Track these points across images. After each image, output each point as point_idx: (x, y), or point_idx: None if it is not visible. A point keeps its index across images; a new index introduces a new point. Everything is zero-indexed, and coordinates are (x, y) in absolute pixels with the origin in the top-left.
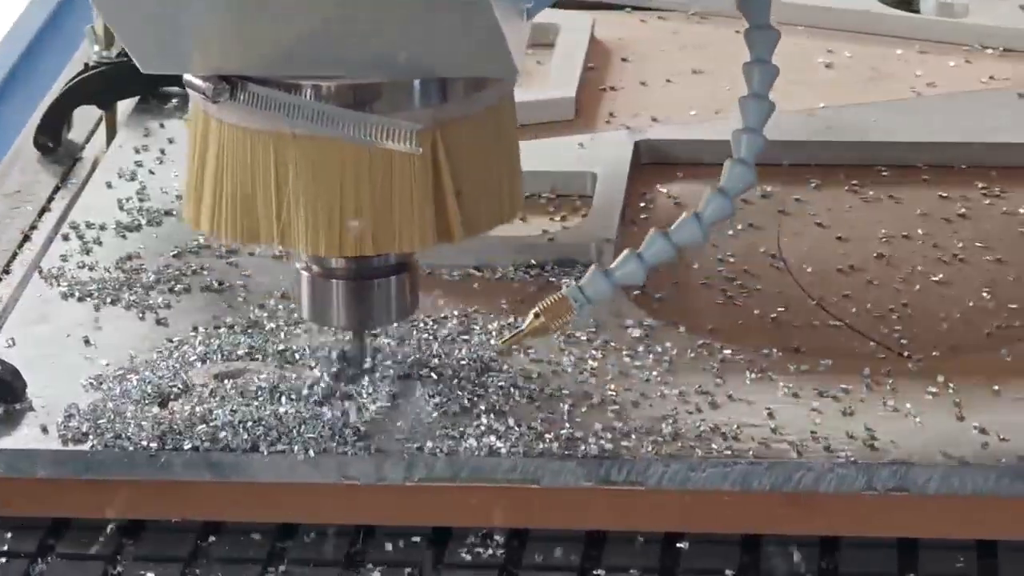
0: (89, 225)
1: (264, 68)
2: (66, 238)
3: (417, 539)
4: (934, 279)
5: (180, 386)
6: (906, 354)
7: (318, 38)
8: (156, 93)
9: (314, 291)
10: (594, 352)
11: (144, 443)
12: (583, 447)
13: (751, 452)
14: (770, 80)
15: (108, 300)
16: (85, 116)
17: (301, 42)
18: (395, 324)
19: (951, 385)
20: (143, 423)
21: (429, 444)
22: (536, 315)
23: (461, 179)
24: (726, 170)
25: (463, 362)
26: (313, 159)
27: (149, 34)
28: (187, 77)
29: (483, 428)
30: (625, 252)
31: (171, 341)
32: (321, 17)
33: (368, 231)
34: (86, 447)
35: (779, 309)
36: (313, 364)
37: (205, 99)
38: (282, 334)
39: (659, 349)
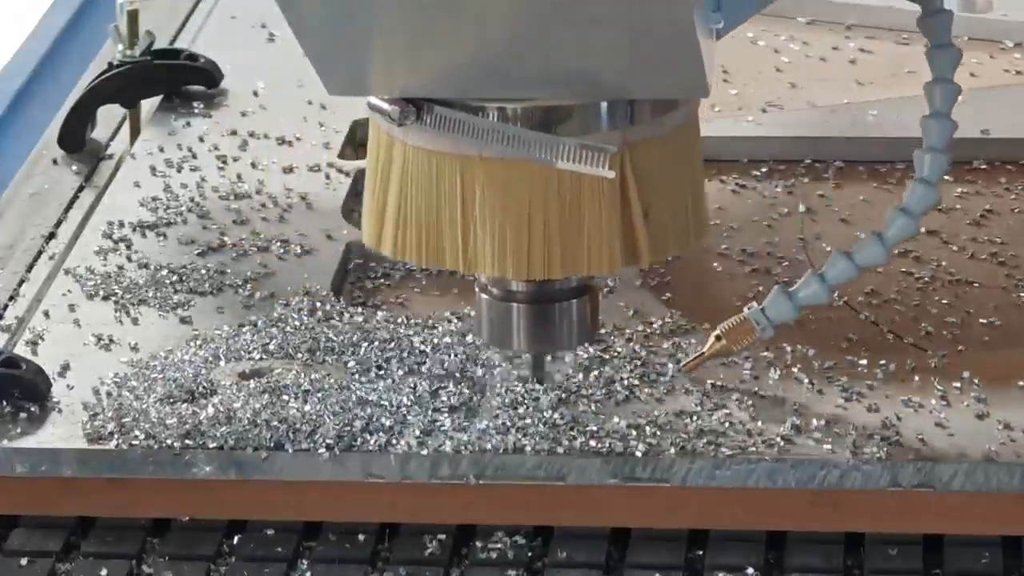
0: (113, 224)
1: (451, 90)
2: (92, 237)
3: (442, 537)
4: (958, 275)
5: (205, 385)
6: (930, 350)
7: (509, 60)
8: (180, 92)
9: (494, 314)
10: (619, 350)
11: (169, 442)
12: (608, 444)
13: (776, 449)
14: (953, 99)
15: (133, 299)
16: (109, 115)
17: (490, 64)
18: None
19: (976, 381)
20: (168, 422)
21: (453, 442)
22: (718, 338)
23: (649, 200)
24: (910, 189)
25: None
26: (500, 181)
27: (336, 57)
28: (371, 100)
29: (507, 426)
30: (808, 273)
31: (195, 340)
32: (512, 38)
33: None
34: (111, 446)
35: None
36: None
37: (390, 122)
38: (306, 332)
39: (684, 346)
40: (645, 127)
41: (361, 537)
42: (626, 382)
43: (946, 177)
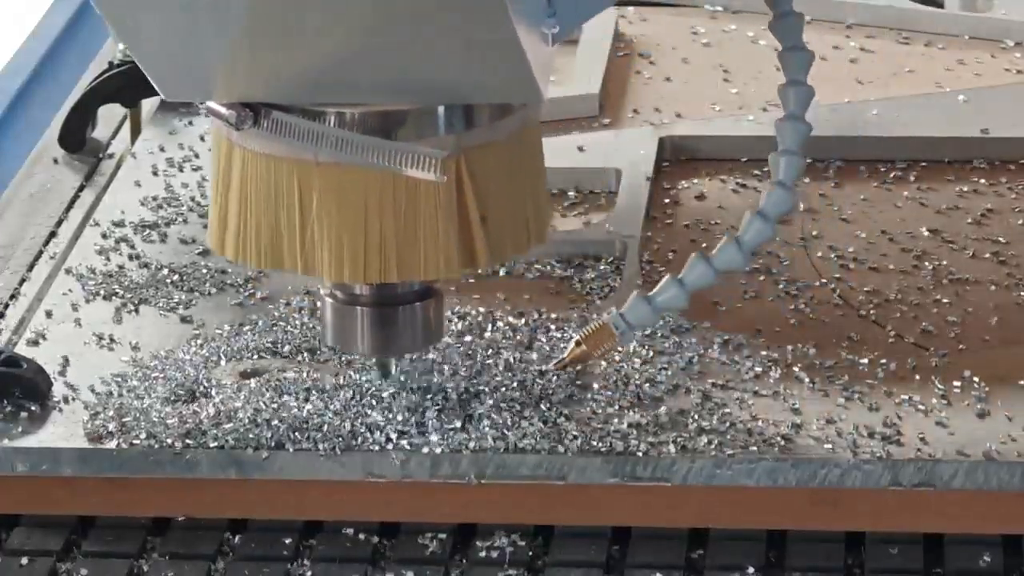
0: (114, 223)
1: (288, 95)
2: (92, 236)
3: (442, 536)
4: (958, 274)
5: (205, 384)
6: (931, 349)
7: (342, 65)
8: None
9: (338, 318)
10: (619, 348)
11: (169, 441)
12: (608, 443)
13: (776, 448)
14: (806, 101)
15: (133, 298)
16: (110, 114)
17: (325, 69)
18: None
19: (976, 380)
20: (168, 421)
21: (454, 441)
22: (578, 343)
23: (486, 205)
24: (765, 194)
25: (488, 360)
26: (336, 186)
27: (170, 62)
28: (209, 104)
29: (508, 424)
30: (667, 278)
31: (196, 339)
32: (345, 44)
33: (393, 257)
34: (111, 445)
35: (804, 304)
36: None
37: (228, 126)
38: (307, 331)
39: (684, 345)
40: (481, 132)
41: (361, 537)
42: (627, 381)
43: (947, 176)
